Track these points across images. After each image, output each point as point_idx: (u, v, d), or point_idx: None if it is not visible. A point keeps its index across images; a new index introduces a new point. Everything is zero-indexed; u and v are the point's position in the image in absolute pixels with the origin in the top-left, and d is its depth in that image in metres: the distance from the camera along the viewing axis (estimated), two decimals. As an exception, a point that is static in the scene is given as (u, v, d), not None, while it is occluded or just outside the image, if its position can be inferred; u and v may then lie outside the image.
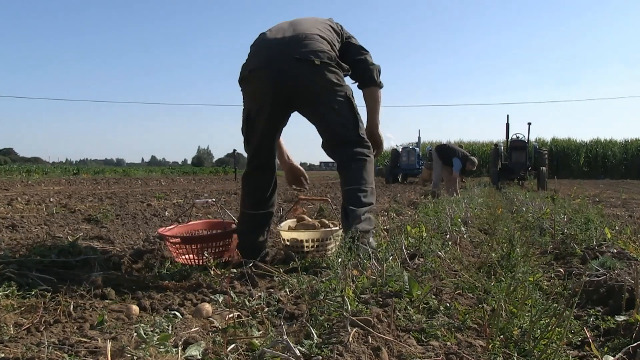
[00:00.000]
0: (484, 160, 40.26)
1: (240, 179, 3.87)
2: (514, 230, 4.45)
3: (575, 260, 3.58)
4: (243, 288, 2.76)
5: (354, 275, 2.56)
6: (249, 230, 3.65)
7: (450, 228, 4.46)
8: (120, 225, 5.92)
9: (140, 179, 26.11)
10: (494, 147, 19.41)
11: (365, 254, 2.91)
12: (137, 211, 7.50)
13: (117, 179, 26.08)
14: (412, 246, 3.58)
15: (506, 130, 18.78)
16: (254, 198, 3.68)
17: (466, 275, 2.90)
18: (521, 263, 3.17)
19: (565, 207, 6.33)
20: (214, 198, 10.49)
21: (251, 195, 3.69)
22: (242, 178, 3.81)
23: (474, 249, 4.24)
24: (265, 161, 3.66)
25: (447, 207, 6.09)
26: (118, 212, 7.21)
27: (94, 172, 35.88)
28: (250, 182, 3.72)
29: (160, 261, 3.52)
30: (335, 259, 2.68)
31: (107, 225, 5.85)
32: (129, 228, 5.70)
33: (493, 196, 12.00)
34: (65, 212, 7.30)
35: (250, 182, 3.72)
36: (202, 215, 7.10)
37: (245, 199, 3.72)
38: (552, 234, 4.60)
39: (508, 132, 18.79)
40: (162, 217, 6.90)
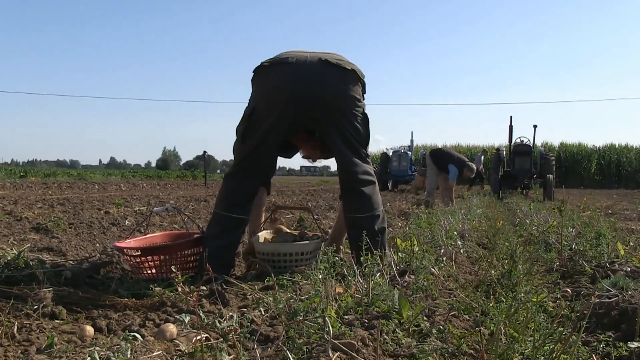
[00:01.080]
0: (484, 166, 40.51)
1: (224, 177, 3.94)
2: (516, 245, 4.49)
3: (584, 279, 3.61)
4: (212, 307, 2.76)
5: (336, 293, 2.57)
6: (218, 234, 3.68)
7: (445, 242, 4.48)
8: (73, 236, 5.88)
9: (97, 183, 25.92)
10: (495, 152, 19.55)
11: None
12: (93, 219, 7.45)
13: (70, 182, 25.87)
14: (402, 262, 3.60)
15: (509, 133, 18.91)
16: (231, 199, 3.74)
17: (462, 295, 2.92)
18: (524, 282, 3.20)
19: (574, 220, 6.37)
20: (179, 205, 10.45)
21: (229, 196, 3.76)
22: (224, 178, 3.90)
23: (471, 265, 4.26)
24: (255, 166, 3.76)
25: (442, 218, 6.11)
26: (71, 221, 7.16)
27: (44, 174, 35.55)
28: (232, 183, 3.80)
29: (119, 276, 3.50)
30: (316, 275, 2.69)
31: (59, 235, 5.81)
32: (83, 238, 5.67)
33: (493, 207, 12.07)
34: (11, 219, 7.24)
35: (232, 182, 3.80)
36: (167, 225, 7.07)
37: (222, 199, 3.79)
38: (559, 250, 4.63)
39: (511, 135, 18.91)
40: (122, 227, 6.86)
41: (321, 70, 3.60)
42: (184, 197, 13.98)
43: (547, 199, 15.92)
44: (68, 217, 7.75)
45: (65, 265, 3.77)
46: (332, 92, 3.61)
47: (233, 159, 3.89)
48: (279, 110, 3.61)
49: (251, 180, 3.79)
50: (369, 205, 3.77)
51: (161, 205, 10.91)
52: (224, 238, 3.67)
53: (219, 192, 3.89)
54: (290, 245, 3.71)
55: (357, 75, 3.73)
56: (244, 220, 3.76)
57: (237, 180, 3.78)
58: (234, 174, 3.81)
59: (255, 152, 3.71)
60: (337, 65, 3.63)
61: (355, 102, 3.70)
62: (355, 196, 3.78)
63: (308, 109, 3.64)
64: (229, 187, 3.80)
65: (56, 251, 4.64)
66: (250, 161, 3.73)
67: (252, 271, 3.81)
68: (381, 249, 3.62)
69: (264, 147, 3.70)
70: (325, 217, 8.46)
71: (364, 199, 3.76)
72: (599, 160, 43.79)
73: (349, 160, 3.74)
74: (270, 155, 3.82)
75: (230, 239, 3.70)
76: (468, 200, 11.50)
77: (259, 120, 3.66)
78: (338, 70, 3.63)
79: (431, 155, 13.20)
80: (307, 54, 3.72)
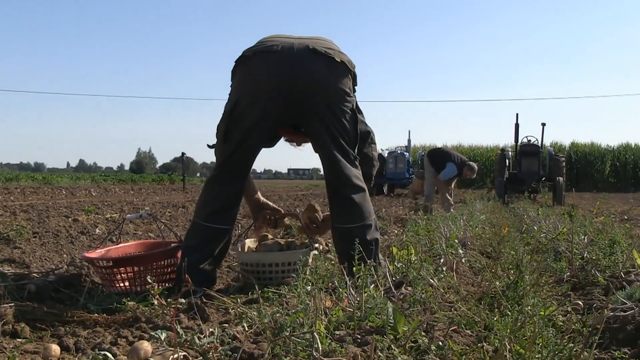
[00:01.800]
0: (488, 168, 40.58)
1: (205, 182, 3.90)
2: (523, 254, 4.49)
3: (596, 291, 3.62)
4: (191, 323, 2.76)
5: (326, 306, 2.57)
6: (196, 246, 3.63)
7: (445, 250, 4.49)
8: (38, 246, 5.86)
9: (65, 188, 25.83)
10: (500, 153, 19.55)
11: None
12: (60, 228, 7.42)
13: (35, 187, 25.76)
14: (398, 272, 3.60)
15: (515, 132, 18.96)
16: (213, 207, 3.68)
17: (464, 308, 2.92)
18: (531, 293, 3.20)
19: (586, 226, 6.39)
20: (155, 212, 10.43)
21: (210, 203, 3.70)
22: (205, 183, 3.86)
23: (473, 276, 4.28)
24: (239, 168, 3.72)
25: (442, 225, 6.13)
26: (36, 229, 7.13)
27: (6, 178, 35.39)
28: (214, 188, 3.75)
29: (88, 289, 3.49)
30: (304, 287, 2.69)
31: (22, 245, 5.78)
32: (49, 249, 5.65)
33: (498, 212, 12.09)
34: (-31, 228, 7.20)
35: (213, 187, 3.76)
36: (141, 233, 7.05)
37: (202, 207, 3.72)
38: (570, 259, 4.64)
39: (517, 134, 18.95)
40: (92, 236, 6.84)
41: (309, 59, 3.56)
42: (160, 203, 13.96)
43: (556, 204, 15.93)
44: (32, 225, 7.72)
45: (29, 278, 3.76)
46: (319, 85, 3.58)
47: (215, 161, 3.84)
48: (263, 104, 3.58)
49: (235, 185, 3.75)
50: (359, 214, 3.72)
51: (135, 211, 10.88)
52: (203, 251, 3.62)
53: (199, 198, 3.82)
54: (275, 255, 3.72)
55: (347, 67, 3.69)
56: (227, 230, 3.70)
57: (220, 185, 3.73)
58: (216, 177, 3.75)
59: (238, 152, 3.66)
60: (326, 55, 3.59)
61: (343, 97, 3.67)
62: (344, 204, 3.73)
63: (293, 103, 3.60)
64: (209, 193, 3.75)
65: (19, 263, 4.62)
66: (233, 163, 3.69)
67: (235, 283, 3.80)
68: (375, 259, 3.60)
69: (246, 146, 3.66)
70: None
71: (354, 207, 3.71)
72: (613, 162, 43.79)
73: (337, 162, 3.70)
74: (254, 154, 3.77)
75: (210, 251, 3.64)
76: (470, 205, 11.51)
77: (241, 117, 3.62)
78: (326, 61, 3.59)
79: (429, 155, 13.21)
80: (294, 40, 3.67)
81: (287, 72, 3.53)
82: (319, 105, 3.61)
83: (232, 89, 3.75)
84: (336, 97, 3.63)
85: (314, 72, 3.56)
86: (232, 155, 3.67)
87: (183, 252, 3.66)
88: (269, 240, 4.07)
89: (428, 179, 13.20)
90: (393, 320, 2.36)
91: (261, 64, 3.58)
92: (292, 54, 3.56)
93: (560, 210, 10.43)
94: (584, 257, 4.60)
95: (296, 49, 3.58)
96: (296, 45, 3.60)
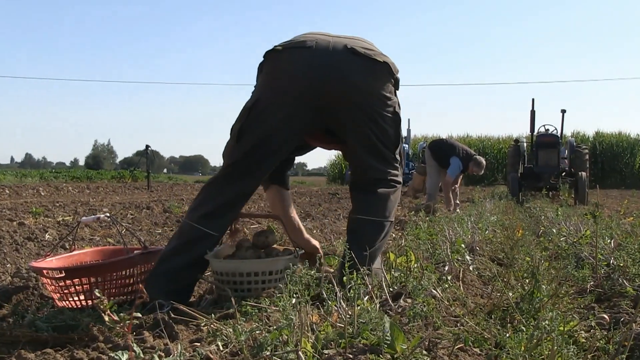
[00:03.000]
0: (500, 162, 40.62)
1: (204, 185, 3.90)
2: (540, 261, 4.51)
3: (624, 303, 3.63)
4: (157, 341, 2.76)
5: (313, 322, 2.58)
6: (179, 249, 3.66)
7: (450, 257, 4.51)
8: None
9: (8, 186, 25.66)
10: (513, 145, 19.60)
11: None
12: (3, 233, 7.39)
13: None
14: (396, 282, 3.62)
15: (531, 120, 18.94)
16: (205, 209, 3.70)
17: (471, 323, 2.94)
18: (549, 306, 3.22)
19: (613, 229, 6.41)
20: (115, 214, 10.40)
21: (203, 205, 3.73)
22: (206, 183, 3.89)
23: (482, 286, 4.29)
24: (248, 173, 3.74)
25: (447, 227, 6.14)
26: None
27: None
28: (211, 190, 3.79)
29: (36, 304, 3.48)
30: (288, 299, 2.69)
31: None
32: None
33: (511, 212, 12.11)
34: None
35: (210, 189, 3.79)
36: (99, 239, 7.04)
37: (195, 208, 3.75)
38: (593, 266, 4.66)
39: (533, 123, 18.94)
40: (41, 242, 6.82)
41: (346, 60, 3.60)
42: (121, 204, 13.92)
43: (579, 203, 15.98)
44: (-29, 230, 7.68)
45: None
46: (357, 88, 3.63)
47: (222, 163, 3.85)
48: (289, 106, 3.62)
49: (236, 189, 3.75)
50: (379, 210, 3.85)
51: (92, 213, 10.86)
52: (186, 255, 3.63)
53: (195, 199, 3.85)
54: (254, 263, 3.71)
55: (390, 69, 3.75)
56: (214, 237, 3.72)
57: (218, 187, 3.76)
58: (217, 179, 3.80)
59: (251, 155, 3.68)
60: (366, 55, 3.63)
61: (384, 101, 3.73)
62: (366, 196, 3.88)
63: (326, 107, 3.65)
64: (206, 194, 3.78)
65: (-45, 274, 4.61)
66: (242, 166, 3.70)
67: (208, 295, 3.81)
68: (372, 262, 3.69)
69: (264, 151, 3.68)
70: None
71: (376, 201, 3.84)
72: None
73: (369, 166, 3.84)
74: (272, 161, 3.79)
75: (195, 256, 3.65)
76: (479, 205, 11.53)
77: (262, 116, 3.64)
78: (367, 62, 3.64)
79: (430, 148, 13.19)
80: (331, 38, 3.71)
81: (319, 71, 3.57)
82: (356, 112, 3.67)
83: (257, 85, 3.81)
84: (376, 103, 3.70)
85: (352, 74, 3.60)
86: (244, 157, 3.69)
87: (162, 255, 3.68)
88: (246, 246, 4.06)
89: (430, 174, 13.18)
90: (390, 337, 2.37)
91: (291, 61, 3.63)
92: (326, 53, 3.60)
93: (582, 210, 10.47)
94: (610, 264, 4.62)
95: (332, 47, 3.62)
96: (332, 43, 3.65)
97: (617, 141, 43.50)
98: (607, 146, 43.03)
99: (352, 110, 3.66)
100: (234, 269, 3.65)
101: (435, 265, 4.31)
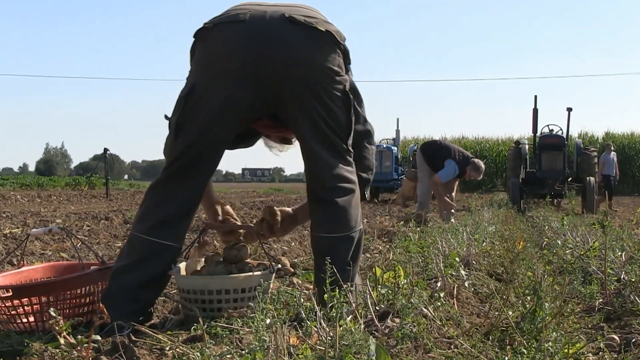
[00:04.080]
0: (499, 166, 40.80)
1: (146, 190, 3.82)
2: (543, 276, 4.53)
3: (637, 322, 3.65)
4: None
5: (290, 344, 2.58)
6: (131, 266, 3.59)
7: (443, 272, 4.52)
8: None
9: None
10: (514, 147, 19.70)
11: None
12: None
13: None
14: (383, 299, 3.62)
15: (533, 119, 19.00)
16: (156, 218, 3.62)
17: (466, 345, 2.95)
18: (552, 326, 3.23)
19: (624, 240, 6.43)
20: (69, 226, 10.36)
21: (152, 212, 3.66)
22: (148, 188, 3.79)
23: (479, 303, 4.31)
24: (194, 170, 3.67)
25: (440, 239, 6.16)
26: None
27: None
28: (158, 194, 3.70)
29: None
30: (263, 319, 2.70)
31: None
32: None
33: (512, 222, 12.15)
34: None
35: (157, 193, 3.70)
36: (51, 254, 7.01)
37: (143, 217, 3.68)
38: (602, 282, 4.68)
39: (536, 122, 19.00)
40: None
41: (284, 30, 3.52)
42: (76, 214, 13.88)
43: (586, 211, 15.99)
44: None
45: None
46: (298, 60, 3.53)
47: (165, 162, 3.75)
48: (226, 89, 3.53)
49: (186, 192, 3.68)
50: (343, 223, 3.73)
51: (43, 225, 10.81)
52: (140, 272, 3.57)
53: (140, 208, 3.78)
54: (225, 280, 3.71)
55: (335, 39, 3.65)
56: (172, 248, 3.66)
57: (166, 191, 3.66)
58: (161, 182, 3.68)
59: (194, 150, 3.61)
60: (307, 24, 3.54)
61: (330, 76, 3.61)
62: (324, 209, 3.75)
63: (266, 86, 3.56)
64: (152, 200, 3.69)
65: None
66: (185, 163, 3.62)
67: (173, 316, 3.80)
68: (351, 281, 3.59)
69: (206, 142, 3.62)
70: (277, 239, 8.45)
71: (337, 214, 3.72)
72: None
73: (318, 158, 3.69)
74: (216, 153, 3.73)
75: (150, 273, 3.60)
76: (476, 214, 11.56)
77: (198, 105, 3.56)
78: (306, 32, 3.55)
79: (423, 151, 13.20)
80: (267, 7, 3.62)
81: (256, 46, 3.49)
82: (298, 87, 3.57)
83: (190, 70, 3.72)
84: (320, 77, 3.59)
85: (291, 46, 3.52)
86: (185, 153, 3.61)
87: (114, 273, 3.60)
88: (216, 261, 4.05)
89: (422, 180, 13.18)
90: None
91: (224, 38, 3.55)
92: (263, 25, 3.52)
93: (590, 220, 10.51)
94: (620, 279, 4.64)
95: (269, 17, 3.54)
96: (269, 13, 3.56)
97: (629, 143, 43.65)
98: (619, 148, 42.61)
99: (295, 87, 3.56)
100: (202, 286, 3.64)
101: (427, 281, 4.32)
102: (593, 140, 41.94)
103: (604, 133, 45.05)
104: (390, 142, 28.78)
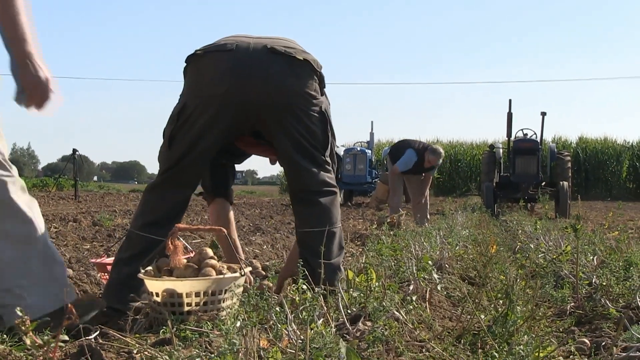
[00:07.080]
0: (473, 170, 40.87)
1: (144, 192, 4.28)
2: (515, 279, 4.55)
3: (607, 326, 3.68)
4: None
5: (261, 347, 2.58)
6: (129, 259, 3.96)
7: (415, 275, 4.52)
8: None
9: None
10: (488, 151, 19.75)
11: None
12: None
13: None
14: (355, 303, 3.63)
15: (507, 123, 18.97)
16: (149, 216, 4.07)
17: (438, 348, 2.96)
18: (524, 329, 3.25)
19: (596, 244, 6.45)
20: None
21: (147, 212, 4.12)
22: (144, 191, 4.25)
23: (451, 307, 4.32)
24: (184, 178, 4.14)
25: (413, 242, 6.17)
26: None
27: None
28: (152, 196, 4.17)
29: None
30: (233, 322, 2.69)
31: None
32: None
33: (485, 226, 12.18)
34: None
35: (152, 196, 4.17)
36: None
37: (138, 217, 4.13)
38: (574, 285, 4.70)
39: (510, 126, 18.96)
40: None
41: (267, 59, 3.94)
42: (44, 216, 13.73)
43: (560, 215, 16.01)
44: None
45: None
46: (279, 87, 3.95)
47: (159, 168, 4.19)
48: (213, 109, 3.95)
49: (178, 195, 4.15)
50: (326, 219, 4.14)
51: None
52: (135, 264, 3.86)
53: (136, 209, 4.24)
54: (195, 282, 3.69)
55: (312, 66, 4.06)
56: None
57: (159, 194, 4.13)
58: (156, 186, 4.16)
59: (184, 160, 4.05)
60: (287, 54, 3.96)
61: (308, 99, 4.04)
62: (309, 208, 4.19)
63: (249, 108, 3.98)
64: (147, 202, 4.16)
65: None
66: (176, 171, 4.08)
67: (141, 318, 3.78)
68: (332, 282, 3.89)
69: (194, 155, 4.04)
70: (249, 242, 8.44)
71: (321, 211, 4.16)
72: (632, 162, 43.50)
73: (302, 170, 4.12)
74: (201, 164, 4.16)
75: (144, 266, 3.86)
76: (450, 218, 11.57)
77: (189, 121, 3.99)
78: (286, 61, 3.96)
79: (390, 153, 13.18)
80: (251, 39, 4.05)
81: (240, 73, 3.90)
82: (279, 111, 4.00)
83: (183, 90, 4.14)
84: (299, 100, 4.02)
85: (273, 74, 3.93)
86: (177, 163, 4.05)
87: (114, 265, 4.04)
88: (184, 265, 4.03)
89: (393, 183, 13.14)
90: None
91: (212, 64, 3.99)
92: (247, 54, 3.94)
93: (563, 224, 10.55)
94: (592, 282, 4.67)
95: (252, 48, 3.96)
96: (252, 45, 3.98)
97: (602, 147, 43.53)
98: (592, 153, 42.74)
99: (276, 110, 3.99)
100: (172, 288, 3.63)
101: (399, 284, 4.32)
102: (567, 145, 41.85)
103: (577, 138, 44.98)
104: (365, 145, 28.62)
